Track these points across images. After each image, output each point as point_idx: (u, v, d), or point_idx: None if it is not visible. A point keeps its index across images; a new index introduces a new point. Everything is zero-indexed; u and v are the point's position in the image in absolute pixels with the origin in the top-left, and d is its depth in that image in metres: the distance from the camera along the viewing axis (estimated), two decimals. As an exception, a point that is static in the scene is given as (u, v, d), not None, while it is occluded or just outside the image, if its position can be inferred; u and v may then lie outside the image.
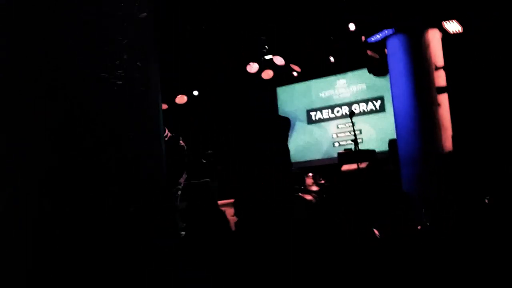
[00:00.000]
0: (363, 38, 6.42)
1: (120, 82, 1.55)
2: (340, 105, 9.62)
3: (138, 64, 1.72)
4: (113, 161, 1.51)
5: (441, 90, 5.95)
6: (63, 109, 1.45)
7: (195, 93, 8.42)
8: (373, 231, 3.05)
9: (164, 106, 7.77)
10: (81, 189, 1.43)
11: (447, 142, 6.16)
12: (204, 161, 6.57)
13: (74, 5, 1.52)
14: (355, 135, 6.62)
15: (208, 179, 6.82)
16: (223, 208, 6.11)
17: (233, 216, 5.08)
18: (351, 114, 6.67)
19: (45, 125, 1.43)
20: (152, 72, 1.83)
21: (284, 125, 5.27)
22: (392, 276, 2.09)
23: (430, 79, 5.96)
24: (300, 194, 7.04)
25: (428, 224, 3.76)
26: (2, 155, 1.40)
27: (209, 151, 6.56)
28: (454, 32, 5.80)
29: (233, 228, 5.21)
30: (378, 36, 5.99)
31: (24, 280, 1.38)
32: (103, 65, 1.54)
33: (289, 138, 9.46)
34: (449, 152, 6.11)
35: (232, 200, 6.77)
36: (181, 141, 5.77)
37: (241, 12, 6.35)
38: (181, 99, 7.92)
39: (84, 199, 1.43)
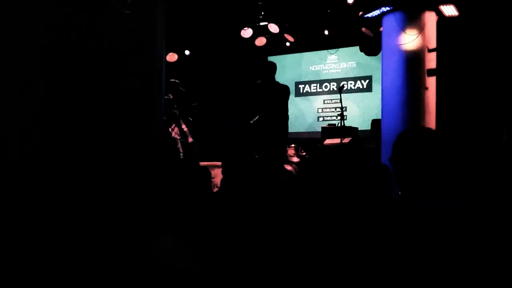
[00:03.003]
0: (360, 13, 6.42)
1: (128, 12, 1.55)
2: (328, 81, 9.66)
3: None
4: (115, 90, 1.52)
5: (430, 73, 6.03)
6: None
7: (187, 52, 8.30)
8: (351, 201, 3.11)
9: (174, 57, 7.66)
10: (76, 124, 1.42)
11: (430, 125, 6.28)
12: (191, 119, 6.59)
13: None
14: (342, 109, 6.71)
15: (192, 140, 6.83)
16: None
17: (213, 178, 5.11)
18: (341, 88, 6.73)
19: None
20: (159, 13, 1.82)
21: (282, 94, 5.28)
22: (363, 244, 2.15)
23: (421, 61, 6.03)
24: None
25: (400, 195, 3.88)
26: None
27: (194, 104, 6.59)
28: (450, 15, 5.84)
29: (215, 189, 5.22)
30: (375, 12, 6.00)
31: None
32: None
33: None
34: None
35: (213, 163, 6.81)
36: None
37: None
38: (172, 57, 7.81)
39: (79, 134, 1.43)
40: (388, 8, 5.88)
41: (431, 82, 6.16)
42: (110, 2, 1.55)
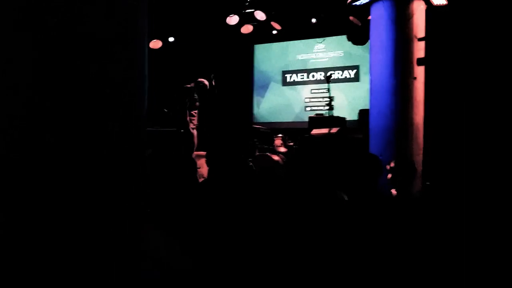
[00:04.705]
0: (348, 1, 6.31)
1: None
2: (316, 70, 9.58)
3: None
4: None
5: (419, 62, 5.98)
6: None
7: (171, 39, 8.11)
8: (341, 194, 3.04)
9: (159, 44, 7.58)
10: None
11: (418, 115, 6.25)
12: (166, 110, 6.58)
13: None
14: (330, 98, 6.64)
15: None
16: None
17: (199, 168, 5.01)
18: (328, 77, 6.65)
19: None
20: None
21: None
22: (355, 236, 2.08)
23: (410, 50, 5.95)
24: (267, 153, 7.07)
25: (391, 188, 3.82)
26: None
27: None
28: (438, 4, 5.78)
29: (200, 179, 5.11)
30: (363, 0, 5.90)
31: None
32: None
33: (261, 98, 9.43)
34: (419, 126, 6.21)
35: (199, 153, 6.71)
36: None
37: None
38: (156, 43, 7.61)
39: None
40: (377, -4, 5.80)
41: (419, 72, 6.11)
42: None
